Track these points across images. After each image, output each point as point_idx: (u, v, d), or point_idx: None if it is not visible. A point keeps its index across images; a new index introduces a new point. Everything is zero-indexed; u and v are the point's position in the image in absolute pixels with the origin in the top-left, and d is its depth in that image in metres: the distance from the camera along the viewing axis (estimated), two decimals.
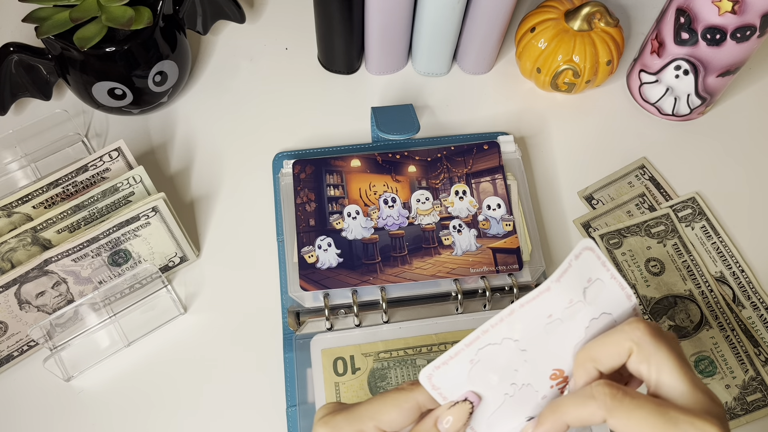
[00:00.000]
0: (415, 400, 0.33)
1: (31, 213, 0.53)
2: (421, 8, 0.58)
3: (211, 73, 0.66)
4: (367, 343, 0.53)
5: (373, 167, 0.56)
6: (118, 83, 0.56)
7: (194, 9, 0.61)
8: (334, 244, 0.54)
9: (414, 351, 0.52)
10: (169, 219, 0.52)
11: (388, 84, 0.66)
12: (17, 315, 0.50)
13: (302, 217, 0.55)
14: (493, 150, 0.57)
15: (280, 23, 0.69)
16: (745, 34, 0.53)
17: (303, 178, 0.56)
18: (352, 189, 0.56)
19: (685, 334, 0.54)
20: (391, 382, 0.51)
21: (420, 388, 0.33)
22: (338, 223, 0.54)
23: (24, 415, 0.51)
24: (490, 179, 0.56)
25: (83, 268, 0.51)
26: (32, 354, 0.53)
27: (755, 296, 0.56)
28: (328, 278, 0.53)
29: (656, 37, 0.59)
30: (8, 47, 0.55)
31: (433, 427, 0.33)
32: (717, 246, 0.58)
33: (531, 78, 0.63)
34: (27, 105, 0.64)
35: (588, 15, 0.58)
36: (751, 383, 0.53)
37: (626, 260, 0.57)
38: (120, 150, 0.55)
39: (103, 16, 0.53)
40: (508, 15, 0.60)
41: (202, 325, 0.54)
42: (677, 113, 0.62)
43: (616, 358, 0.31)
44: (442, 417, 0.33)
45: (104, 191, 0.52)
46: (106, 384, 0.52)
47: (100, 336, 0.53)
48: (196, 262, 0.57)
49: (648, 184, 0.60)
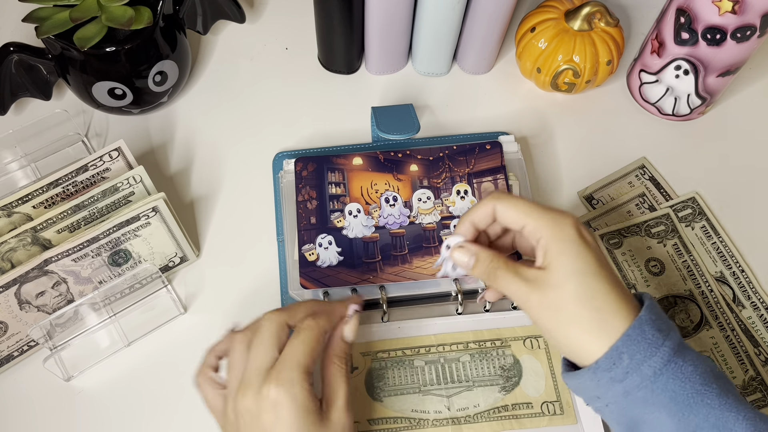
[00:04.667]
0: (321, 332, 0.44)
1: (31, 213, 0.53)
2: (421, 8, 0.58)
3: (211, 73, 0.66)
4: (365, 342, 0.53)
5: (375, 165, 0.56)
6: (118, 83, 0.56)
7: (194, 9, 0.61)
8: (334, 243, 0.54)
9: (412, 351, 0.52)
10: (169, 219, 0.52)
11: (388, 84, 0.66)
12: (17, 315, 0.50)
13: (303, 215, 0.55)
14: (496, 150, 0.57)
15: (280, 23, 0.69)
16: (745, 34, 0.53)
17: (305, 175, 0.56)
18: (353, 187, 0.56)
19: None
20: (389, 383, 0.51)
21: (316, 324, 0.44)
22: (339, 222, 0.54)
23: (24, 415, 0.51)
24: (492, 179, 0.56)
25: (83, 268, 0.51)
26: (32, 354, 0.53)
27: (755, 296, 0.56)
28: (329, 276, 0.53)
29: (656, 37, 0.59)
30: (8, 47, 0.55)
31: (340, 341, 0.46)
32: (717, 246, 0.58)
33: (531, 78, 0.63)
34: (27, 105, 0.64)
35: (588, 15, 0.58)
36: (751, 383, 0.53)
37: (626, 260, 0.57)
38: (120, 150, 0.55)
39: (103, 16, 0.53)
40: (508, 15, 0.60)
41: (202, 325, 0.55)
42: (677, 113, 0.62)
43: (487, 219, 0.44)
44: (341, 333, 0.46)
45: (104, 191, 0.52)
46: (106, 384, 0.52)
47: (100, 336, 0.53)
48: (196, 262, 0.57)
49: (648, 184, 0.60)
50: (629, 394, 0.38)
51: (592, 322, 0.39)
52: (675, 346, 0.38)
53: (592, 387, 0.40)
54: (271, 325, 0.43)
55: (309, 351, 0.42)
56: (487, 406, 0.51)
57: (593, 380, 0.39)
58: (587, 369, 0.39)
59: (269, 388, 0.40)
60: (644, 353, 0.38)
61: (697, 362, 0.38)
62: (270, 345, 0.42)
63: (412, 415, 0.50)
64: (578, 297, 0.40)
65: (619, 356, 0.38)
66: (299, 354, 0.42)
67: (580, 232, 0.41)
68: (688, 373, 0.38)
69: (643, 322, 0.39)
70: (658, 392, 0.38)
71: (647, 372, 0.38)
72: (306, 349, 0.42)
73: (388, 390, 0.51)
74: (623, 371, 0.38)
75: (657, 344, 0.38)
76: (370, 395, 0.51)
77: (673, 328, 0.40)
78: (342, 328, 0.46)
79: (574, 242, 0.41)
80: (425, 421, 0.50)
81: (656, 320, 0.39)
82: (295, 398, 0.40)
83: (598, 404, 0.41)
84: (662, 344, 0.38)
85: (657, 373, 0.38)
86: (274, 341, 0.43)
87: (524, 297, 0.41)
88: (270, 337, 0.43)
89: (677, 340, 0.39)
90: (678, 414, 0.38)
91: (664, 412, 0.38)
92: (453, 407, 0.51)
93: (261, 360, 0.42)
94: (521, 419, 0.50)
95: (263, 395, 0.40)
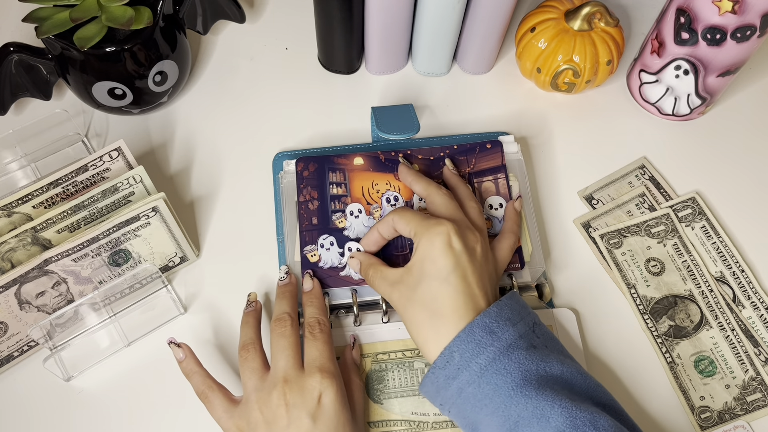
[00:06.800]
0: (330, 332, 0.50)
1: (31, 213, 0.53)
2: (421, 8, 0.58)
3: (211, 73, 0.66)
4: (365, 344, 0.53)
5: (376, 165, 0.56)
6: (118, 83, 0.56)
7: (194, 9, 0.61)
8: (336, 243, 0.53)
9: (412, 353, 0.52)
10: (169, 219, 0.52)
11: (388, 84, 0.66)
12: (17, 315, 0.50)
13: (305, 216, 0.54)
14: (496, 149, 0.57)
15: (280, 23, 0.69)
16: (745, 34, 0.53)
17: (306, 175, 0.56)
18: (354, 187, 0.56)
19: (685, 334, 0.54)
20: (389, 385, 0.51)
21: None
22: (341, 222, 0.54)
23: (24, 415, 0.51)
24: (493, 179, 0.56)
25: (83, 268, 0.51)
26: (32, 354, 0.53)
27: (755, 296, 0.56)
28: (330, 277, 0.53)
29: (656, 37, 0.59)
30: (8, 47, 0.55)
31: (352, 359, 0.51)
32: (717, 246, 0.58)
33: (531, 78, 0.63)
34: (27, 105, 0.64)
35: (588, 15, 0.58)
36: (751, 383, 0.53)
37: (626, 260, 0.57)
38: (120, 150, 0.55)
39: (103, 16, 0.53)
40: (508, 15, 0.60)
41: (202, 325, 0.55)
42: (677, 113, 0.62)
43: (390, 230, 0.50)
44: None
45: (104, 191, 0.52)
46: (106, 384, 0.52)
47: (100, 336, 0.53)
48: (196, 262, 0.57)
49: (648, 184, 0.60)
50: (462, 392, 0.43)
51: (432, 324, 0.45)
52: (504, 346, 0.43)
53: (433, 390, 0.45)
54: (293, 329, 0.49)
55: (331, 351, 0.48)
56: None
57: (433, 381, 0.44)
58: (428, 370, 0.44)
59: (314, 379, 0.45)
60: (472, 352, 0.43)
61: (526, 361, 0.42)
62: (293, 348, 0.48)
63: (412, 418, 0.50)
64: (422, 300, 0.45)
65: (451, 354, 0.43)
66: (327, 352, 0.48)
67: (448, 240, 0.46)
68: (511, 369, 0.42)
69: (474, 326, 0.43)
70: (484, 386, 0.42)
71: (475, 368, 0.42)
72: (329, 348, 0.48)
73: (388, 392, 0.51)
74: (455, 368, 0.43)
75: (485, 344, 0.43)
76: (370, 397, 0.51)
77: (509, 328, 0.43)
78: (350, 352, 0.52)
79: (438, 248, 0.45)
80: (425, 424, 0.50)
81: (491, 323, 0.43)
82: (339, 389, 0.46)
83: (444, 411, 0.45)
84: (490, 344, 0.43)
85: (483, 369, 0.42)
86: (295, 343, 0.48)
87: (388, 295, 0.48)
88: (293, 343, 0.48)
89: (508, 341, 0.43)
90: (501, 407, 0.42)
91: (490, 408, 0.42)
92: None
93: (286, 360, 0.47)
94: None
95: (308, 386, 0.45)
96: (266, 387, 0.46)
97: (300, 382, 0.45)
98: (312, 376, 0.45)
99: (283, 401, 0.44)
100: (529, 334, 0.44)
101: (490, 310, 0.44)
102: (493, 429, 0.42)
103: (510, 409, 0.41)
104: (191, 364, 0.49)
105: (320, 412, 0.44)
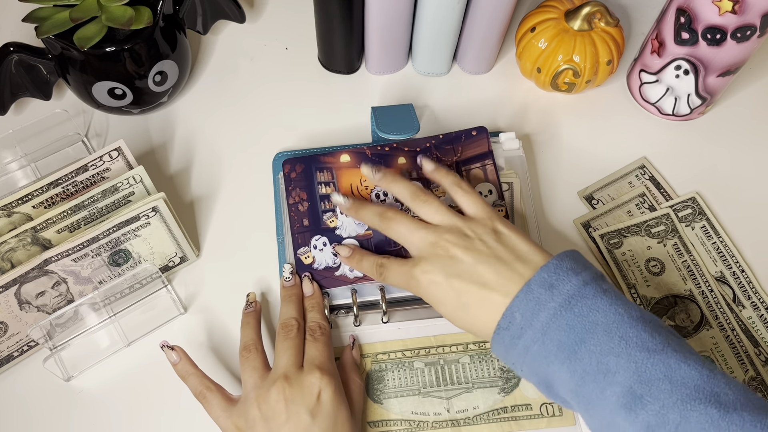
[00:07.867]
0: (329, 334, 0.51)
1: (31, 213, 0.53)
2: (421, 8, 0.58)
3: (211, 73, 0.66)
4: (365, 344, 0.53)
5: (363, 161, 0.56)
6: (118, 83, 0.56)
7: (194, 9, 0.61)
8: (329, 243, 0.53)
9: (412, 353, 0.52)
10: (169, 219, 0.52)
11: (388, 84, 0.66)
12: (17, 315, 0.50)
13: (296, 218, 0.54)
14: (482, 136, 0.57)
15: (280, 23, 0.69)
16: (745, 34, 0.53)
17: (294, 177, 0.55)
18: (343, 185, 0.55)
19: (685, 334, 0.54)
20: (389, 385, 0.51)
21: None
22: (332, 222, 0.54)
23: (24, 415, 0.51)
24: (480, 165, 0.56)
25: (83, 268, 0.51)
26: (32, 354, 0.53)
27: (755, 296, 0.56)
28: (326, 278, 0.53)
29: (656, 36, 0.59)
30: (8, 47, 0.55)
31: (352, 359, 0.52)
32: (717, 246, 0.58)
33: (531, 78, 0.63)
34: (27, 105, 0.64)
35: (588, 15, 0.58)
36: (751, 383, 0.53)
37: (626, 260, 0.57)
38: (120, 150, 0.55)
39: (103, 16, 0.53)
40: (508, 15, 0.60)
41: (202, 325, 0.55)
42: (677, 113, 0.62)
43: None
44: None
45: (104, 191, 0.52)
46: (106, 384, 0.52)
47: (100, 336, 0.53)
48: (196, 262, 0.57)
49: (648, 184, 0.60)
50: (528, 351, 0.42)
51: (482, 295, 0.44)
52: (564, 301, 0.41)
53: (502, 350, 0.44)
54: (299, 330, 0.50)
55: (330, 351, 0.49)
56: (486, 407, 0.51)
57: (499, 342, 0.43)
58: (495, 332, 0.43)
59: (313, 376, 0.46)
60: (533, 310, 0.42)
61: (588, 314, 0.41)
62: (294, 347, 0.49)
63: (412, 417, 0.50)
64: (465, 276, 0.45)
65: (512, 315, 0.42)
66: (326, 353, 0.48)
67: (448, 251, 0.46)
68: (573, 324, 0.41)
69: (532, 283, 0.42)
70: (548, 343, 0.41)
71: (537, 326, 0.41)
72: (328, 349, 0.49)
73: (387, 392, 0.51)
74: (519, 327, 0.42)
75: (544, 301, 0.42)
76: (370, 397, 0.51)
77: (572, 277, 0.42)
78: (350, 351, 0.53)
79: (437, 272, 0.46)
80: (425, 423, 0.50)
81: (549, 277, 0.42)
82: (337, 387, 0.46)
83: (518, 371, 0.44)
84: (550, 300, 0.41)
85: (545, 326, 0.41)
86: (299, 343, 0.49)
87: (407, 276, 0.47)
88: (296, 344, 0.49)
89: (570, 292, 0.42)
90: (566, 362, 0.41)
91: (557, 363, 0.41)
92: (452, 409, 0.51)
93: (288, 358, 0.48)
94: (520, 421, 0.50)
95: (307, 383, 0.46)
96: (266, 384, 0.46)
97: (299, 380, 0.45)
98: (311, 373, 0.46)
99: (282, 397, 0.44)
100: (597, 280, 0.43)
101: (549, 264, 0.43)
102: (564, 383, 0.41)
103: (575, 365, 0.40)
104: (186, 366, 0.49)
105: (319, 408, 0.45)
